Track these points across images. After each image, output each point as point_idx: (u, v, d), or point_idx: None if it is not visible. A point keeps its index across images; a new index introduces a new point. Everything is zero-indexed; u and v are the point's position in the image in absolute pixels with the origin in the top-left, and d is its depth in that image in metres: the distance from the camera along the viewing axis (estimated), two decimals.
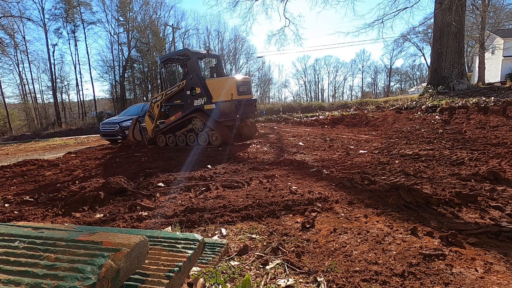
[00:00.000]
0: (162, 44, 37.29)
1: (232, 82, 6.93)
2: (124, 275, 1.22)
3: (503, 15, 24.88)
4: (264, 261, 1.71)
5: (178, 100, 7.67)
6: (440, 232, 1.97)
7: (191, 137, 7.54)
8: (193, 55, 7.30)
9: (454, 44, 12.43)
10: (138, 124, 8.54)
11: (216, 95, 6.94)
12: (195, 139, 7.45)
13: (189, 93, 7.36)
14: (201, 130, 7.29)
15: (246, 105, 7.25)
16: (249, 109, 7.49)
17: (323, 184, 3.26)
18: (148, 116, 8.22)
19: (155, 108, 7.98)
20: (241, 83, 7.19)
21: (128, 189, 3.51)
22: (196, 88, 7.22)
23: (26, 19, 29.50)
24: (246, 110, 7.35)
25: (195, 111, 7.29)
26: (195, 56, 7.38)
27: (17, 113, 33.51)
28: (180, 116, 7.54)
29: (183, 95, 7.50)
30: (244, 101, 7.13)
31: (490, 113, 7.23)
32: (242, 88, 7.15)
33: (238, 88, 6.97)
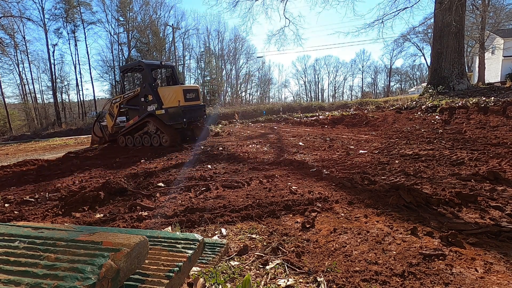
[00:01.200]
0: (162, 44, 37.31)
1: (179, 90, 7.80)
2: (124, 275, 1.22)
3: (503, 15, 24.88)
4: (264, 261, 1.71)
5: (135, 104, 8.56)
6: (440, 232, 1.97)
7: (146, 139, 8.46)
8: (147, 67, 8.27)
9: (454, 44, 12.43)
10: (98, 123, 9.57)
11: (166, 101, 7.84)
12: (149, 141, 8.38)
13: (143, 99, 8.23)
14: (154, 132, 8.19)
15: (193, 110, 8.11)
16: (197, 114, 8.38)
17: (323, 184, 3.26)
18: (109, 115, 9.14)
19: (114, 108, 8.96)
20: (189, 91, 8.09)
21: (128, 189, 3.51)
22: (148, 95, 8.10)
23: (26, 19, 29.50)
24: (194, 115, 8.23)
25: (148, 115, 8.13)
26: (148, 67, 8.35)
27: (17, 113, 33.51)
28: (137, 120, 8.41)
29: (139, 101, 8.37)
30: (191, 107, 7.99)
31: (490, 113, 7.23)
32: (189, 95, 8.01)
33: (185, 95, 7.81)
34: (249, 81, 50.14)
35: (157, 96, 7.97)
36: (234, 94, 45.24)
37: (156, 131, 8.17)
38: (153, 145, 8.20)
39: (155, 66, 8.93)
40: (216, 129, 11.06)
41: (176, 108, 7.67)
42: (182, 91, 7.76)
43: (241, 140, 7.99)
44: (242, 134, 9.63)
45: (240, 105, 31.11)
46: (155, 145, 8.15)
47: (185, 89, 7.96)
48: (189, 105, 7.92)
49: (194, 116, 8.28)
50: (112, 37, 35.82)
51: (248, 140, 7.77)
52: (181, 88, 7.89)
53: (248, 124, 13.49)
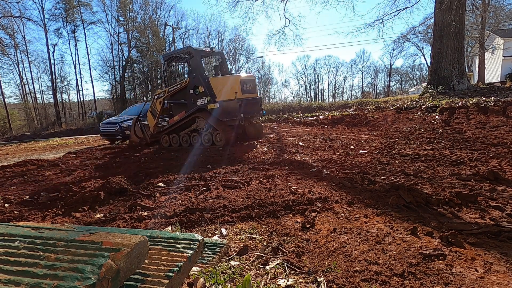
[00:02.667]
0: (162, 44, 37.29)
1: (236, 80, 6.73)
2: (124, 275, 1.22)
3: (503, 15, 24.88)
4: (264, 261, 1.71)
5: (181, 98, 7.51)
6: (440, 232, 1.97)
7: (195, 137, 7.40)
8: (197, 53, 7.15)
9: (454, 44, 12.43)
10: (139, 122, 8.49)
11: (219, 94, 6.76)
12: (198, 139, 7.27)
13: (192, 92, 7.19)
14: (204, 130, 7.13)
15: (250, 104, 7.03)
16: (254, 108, 7.25)
17: (323, 184, 3.26)
18: (150, 113, 8.07)
19: (157, 104, 7.85)
20: (246, 81, 6.99)
21: (128, 189, 3.51)
22: (199, 87, 7.05)
23: (26, 19, 29.50)
24: (251, 109, 7.12)
25: (198, 110, 7.13)
26: (199, 54, 7.23)
27: (17, 113, 33.51)
28: (183, 116, 7.39)
29: (186, 93, 7.33)
30: (248, 100, 6.91)
31: (490, 113, 7.23)
32: (246, 86, 6.94)
33: (242, 86, 6.79)
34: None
35: (210, 88, 6.88)
36: None
37: (207, 128, 7.09)
38: (203, 145, 7.14)
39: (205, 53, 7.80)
40: None
41: (232, 102, 6.62)
42: (240, 82, 6.73)
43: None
44: None
45: None
46: (206, 145, 7.10)
47: (242, 79, 6.91)
48: (246, 98, 6.88)
49: (251, 111, 7.16)
50: (112, 37, 35.83)
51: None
52: (238, 77, 6.82)
53: None
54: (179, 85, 7.42)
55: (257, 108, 7.43)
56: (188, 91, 7.27)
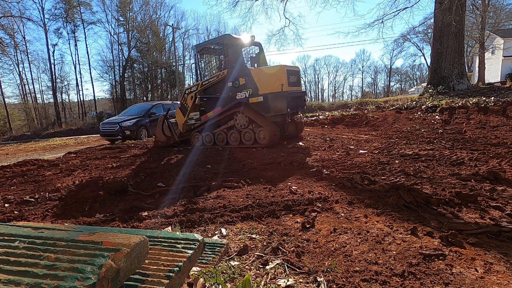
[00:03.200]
0: (162, 44, 37.32)
1: (282, 71, 5.94)
2: (124, 275, 1.22)
3: (503, 15, 24.89)
4: (264, 261, 1.71)
5: (216, 92, 6.76)
6: (440, 232, 1.97)
7: (233, 135, 6.59)
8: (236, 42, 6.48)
9: (454, 44, 12.43)
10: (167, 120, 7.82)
11: (263, 86, 6.04)
12: (237, 138, 6.50)
13: (231, 84, 6.43)
14: (245, 127, 6.37)
15: (296, 98, 6.42)
16: (298, 103, 6.59)
17: (323, 184, 3.26)
18: (180, 109, 7.38)
19: (188, 100, 7.07)
20: (291, 73, 6.28)
21: (128, 189, 3.51)
22: (240, 79, 6.29)
23: (26, 19, 29.52)
24: (296, 104, 6.48)
25: (238, 105, 6.37)
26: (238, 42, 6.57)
27: (17, 113, 33.52)
28: (220, 112, 6.62)
29: (224, 87, 6.56)
30: (294, 93, 6.30)
31: (490, 113, 7.23)
32: (292, 78, 6.27)
33: (289, 78, 6.08)
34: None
35: (252, 80, 6.17)
36: None
37: (247, 125, 6.34)
38: (244, 143, 6.41)
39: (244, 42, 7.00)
40: None
41: (278, 95, 5.91)
42: (286, 72, 5.97)
43: None
44: None
45: None
46: (247, 143, 6.36)
47: (289, 69, 6.14)
48: (292, 91, 6.22)
49: (296, 106, 6.50)
50: (112, 37, 35.86)
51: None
52: (284, 68, 5.98)
53: None
54: (215, 78, 6.70)
55: (301, 103, 6.79)
56: (226, 84, 6.54)
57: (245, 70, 6.35)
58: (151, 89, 38.74)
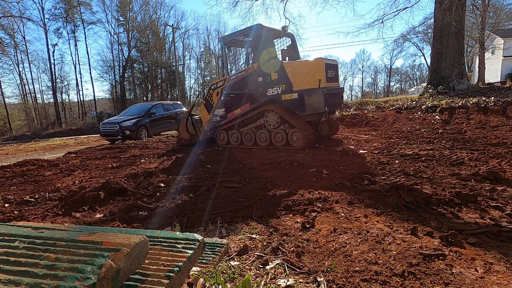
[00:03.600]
0: (162, 44, 37.32)
1: (319, 64, 5.35)
2: (124, 275, 1.22)
3: (503, 15, 24.89)
4: (264, 261, 1.71)
5: (245, 88, 6.29)
6: (440, 232, 1.97)
7: (262, 135, 6.04)
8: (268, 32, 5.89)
9: (454, 44, 12.43)
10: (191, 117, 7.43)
11: (297, 81, 5.52)
12: (267, 138, 5.96)
13: (261, 79, 5.92)
14: (276, 127, 5.84)
15: (334, 95, 5.73)
16: (336, 101, 5.90)
17: (323, 184, 3.26)
18: (204, 105, 6.95)
19: (214, 96, 6.64)
20: (329, 67, 5.60)
21: (128, 189, 3.51)
22: (271, 73, 5.78)
23: (26, 19, 29.51)
24: (334, 102, 5.78)
25: (268, 102, 5.88)
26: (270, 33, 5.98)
27: (17, 113, 33.52)
28: (248, 109, 6.09)
29: (253, 82, 6.07)
30: (332, 90, 5.62)
31: (490, 113, 7.23)
32: (330, 73, 5.59)
33: (327, 73, 5.42)
34: None
35: (285, 75, 5.66)
36: None
37: (279, 125, 5.82)
38: (274, 144, 5.88)
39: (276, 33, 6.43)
40: None
41: (316, 91, 5.33)
42: (324, 65, 5.35)
43: None
44: None
45: None
46: (278, 145, 5.82)
47: (327, 62, 5.51)
48: (330, 87, 5.54)
49: (334, 104, 5.83)
50: (112, 37, 35.85)
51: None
52: (322, 61, 5.37)
53: None
54: (244, 72, 6.22)
55: (338, 101, 6.09)
56: (256, 79, 6.03)
57: (278, 63, 5.80)
58: (151, 89, 38.74)
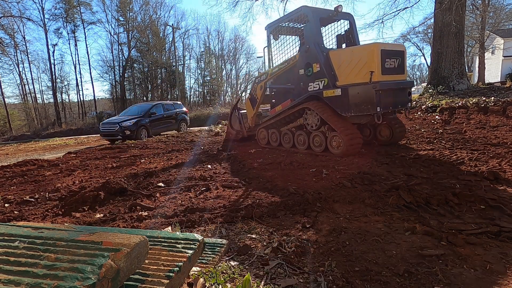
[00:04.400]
0: (162, 44, 37.33)
1: (372, 51, 4.25)
2: (124, 275, 1.22)
3: (503, 15, 24.88)
4: (264, 261, 1.71)
5: (287, 82, 5.59)
6: (440, 232, 1.97)
7: (300, 137, 5.30)
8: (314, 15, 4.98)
9: (454, 44, 12.42)
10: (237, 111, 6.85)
11: (343, 74, 4.61)
12: (305, 141, 5.19)
13: (302, 72, 5.17)
14: (315, 128, 5.00)
15: (395, 91, 4.51)
16: (399, 98, 4.64)
17: (323, 184, 3.26)
18: (249, 100, 6.35)
19: (258, 90, 6.02)
20: (390, 54, 4.40)
21: (128, 189, 3.51)
22: (313, 64, 4.96)
23: (26, 19, 29.52)
24: (395, 100, 4.57)
25: (309, 98, 5.09)
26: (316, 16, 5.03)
27: (17, 113, 33.52)
28: (287, 106, 5.42)
29: (294, 75, 5.35)
30: (391, 85, 4.41)
31: (490, 113, 7.23)
32: (390, 62, 4.40)
33: (384, 62, 4.29)
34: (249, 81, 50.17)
35: (329, 66, 4.78)
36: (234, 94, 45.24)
37: (319, 127, 4.95)
38: (311, 149, 5.08)
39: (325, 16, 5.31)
40: (216, 129, 11.06)
41: (365, 87, 4.33)
42: (380, 53, 4.22)
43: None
44: None
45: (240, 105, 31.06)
46: (316, 149, 5.00)
47: (385, 50, 4.32)
48: (388, 81, 4.38)
49: (395, 103, 4.58)
50: (112, 37, 35.86)
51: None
52: (377, 47, 4.25)
53: None
54: (285, 64, 5.50)
55: (402, 99, 4.74)
56: (297, 71, 5.28)
57: (320, 53, 4.88)
58: (151, 89, 38.76)
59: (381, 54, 4.26)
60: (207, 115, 23.89)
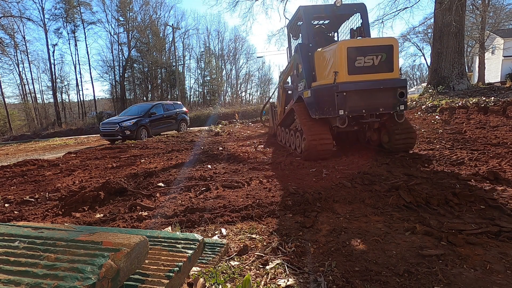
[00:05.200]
0: (162, 44, 37.35)
1: (336, 51, 4.00)
2: (124, 275, 1.22)
3: (503, 15, 24.91)
4: (264, 261, 1.71)
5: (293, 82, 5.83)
6: (440, 232, 1.97)
7: (292, 138, 5.35)
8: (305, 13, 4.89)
9: (454, 44, 12.42)
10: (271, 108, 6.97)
11: (319, 75, 4.54)
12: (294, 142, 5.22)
13: (295, 72, 5.29)
14: (299, 129, 4.96)
15: (372, 92, 4.04)
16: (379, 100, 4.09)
17: (323, 184, 3.26)
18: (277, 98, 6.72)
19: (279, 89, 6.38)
20: (363, 52, 3.98)
21: (128, 189, 3.51)
22: (298, 64, 5.04)
23: (26, 19, 29.56)
24: (372, 102, 4.08)
25: (298, 99, 5.10)
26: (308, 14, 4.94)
27: (17, 113, 33.54)
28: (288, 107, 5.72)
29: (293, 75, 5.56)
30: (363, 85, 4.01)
31: (490, 113, 7.23)
32: (364, 60, 3.98)
33: (352, 61, 3.95)
34: (249, 81, 50.20)
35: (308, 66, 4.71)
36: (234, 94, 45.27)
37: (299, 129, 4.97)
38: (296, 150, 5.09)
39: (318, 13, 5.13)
40: (216, 129, 11.07)
41: (328, 89, 4.12)
42: (346, 52, 3.91)
43: (241, 140, 7.99)
44: (242, 134, 9.64)
45: (240, 105, 31.15)
46: (296, 151, 5.06)
47: (353, 46, 3.97)
48: (359, 81, 4.01)
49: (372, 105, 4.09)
50: (112, 37, 35.90)
51: (248, 140, 7.76)
52: (343, 44, 3.94)
53: (248, 124, 13.51)
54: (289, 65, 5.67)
55: (385, 101, 4.10)
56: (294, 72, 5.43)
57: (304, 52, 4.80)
58: (151, 89, 38.77)
59: (347, 52, 3.94)
60: (207, 115, 23.93)
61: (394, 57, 4.08)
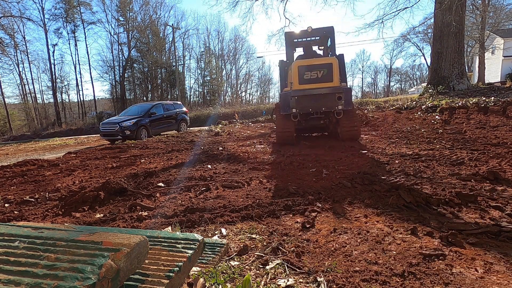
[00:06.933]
0: (162, 44, 37.37)
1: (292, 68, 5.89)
2: (124, 275, 1.22)
3: (503, 15, 24.91)
4: (264, 261, 1.71)
5: None
6: (440, 232, 1.97)
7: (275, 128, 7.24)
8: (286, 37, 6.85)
9: (454, 44, 12.43)
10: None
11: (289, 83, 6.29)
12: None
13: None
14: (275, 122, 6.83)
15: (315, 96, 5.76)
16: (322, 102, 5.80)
17: (323, 184, 3.26)
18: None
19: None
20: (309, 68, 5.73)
21: (128, 189, 3.51)
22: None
23: (26, 19, 29.59)
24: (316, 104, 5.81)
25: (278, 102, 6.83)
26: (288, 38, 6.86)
27: (17, 113, 33.55)
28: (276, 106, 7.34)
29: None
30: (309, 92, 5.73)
31: (490, 113, 7.23)
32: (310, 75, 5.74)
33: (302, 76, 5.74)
34: (249, 81, 50.24)
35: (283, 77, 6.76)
36: (234, 94, 45.28)
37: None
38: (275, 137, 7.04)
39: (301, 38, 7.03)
40: (216, 129, 11.06)
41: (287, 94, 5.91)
42: (297, 69, 5.76)
43: (241, 140, 7.98)
44: (242, 134, 9.63)
45: (240, 105, 31.17)
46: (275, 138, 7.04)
47: (302, 65, 5.79)
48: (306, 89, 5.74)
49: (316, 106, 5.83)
50: (112, 37, 35.92)
51: (248, 140, 7.76)
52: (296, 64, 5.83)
53: (248, 124, 13.50)
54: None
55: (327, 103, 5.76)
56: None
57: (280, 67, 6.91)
58: (151, 89, 38.79)
59: (298, 69, 5.75)
60: (207, 115, 23.94)
61: (334, 71, 5.72)
